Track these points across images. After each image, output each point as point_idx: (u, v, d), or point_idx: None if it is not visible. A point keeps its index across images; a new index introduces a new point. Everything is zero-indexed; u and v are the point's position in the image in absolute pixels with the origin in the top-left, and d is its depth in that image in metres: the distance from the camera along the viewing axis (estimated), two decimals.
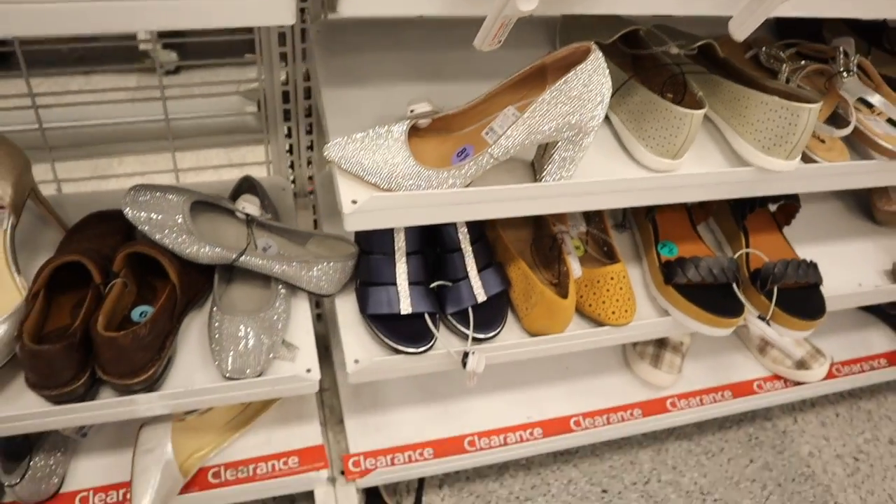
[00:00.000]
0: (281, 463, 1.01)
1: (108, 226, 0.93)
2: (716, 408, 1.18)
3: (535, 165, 0.85)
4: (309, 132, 1.08)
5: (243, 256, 0.87)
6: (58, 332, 0.84)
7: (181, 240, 0.86)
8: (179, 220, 0.86)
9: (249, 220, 0.91)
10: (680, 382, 1.21)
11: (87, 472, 0.99)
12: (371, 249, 0.91)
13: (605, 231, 1.04)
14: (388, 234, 0.90)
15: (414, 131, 0.81)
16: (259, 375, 0.86)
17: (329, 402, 1.15)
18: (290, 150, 1.09)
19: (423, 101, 0.80)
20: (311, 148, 1.09)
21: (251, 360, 0.85)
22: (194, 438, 0.97)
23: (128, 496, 0.97)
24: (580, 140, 0.77)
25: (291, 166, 1.11)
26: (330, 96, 0.86)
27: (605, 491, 1.23)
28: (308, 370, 0.89)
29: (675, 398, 1.17)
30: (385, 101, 0.87)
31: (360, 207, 0.75)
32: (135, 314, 0.86)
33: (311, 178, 1.13)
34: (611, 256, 1.03)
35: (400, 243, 0.90)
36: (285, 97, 1.04)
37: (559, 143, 0.77)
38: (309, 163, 1.10)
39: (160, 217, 0.86)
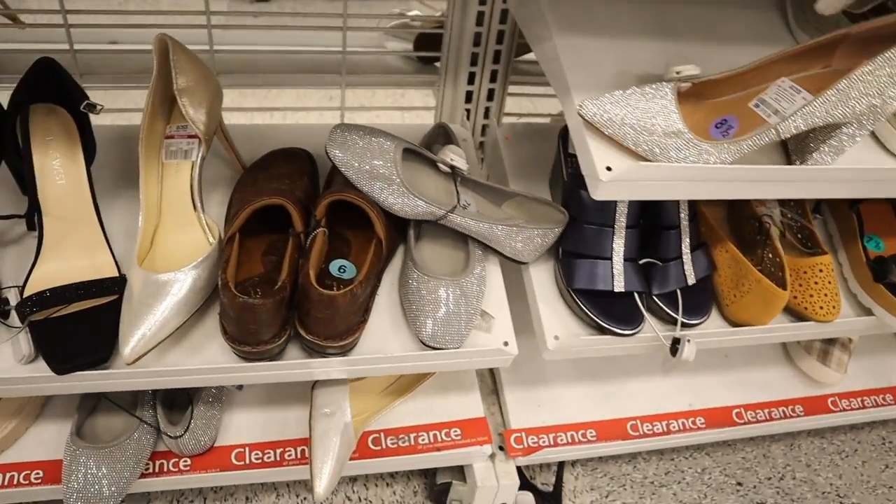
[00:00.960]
0: (443, 434, 0.95)
1: (294, 166, 0.85)
2: (877, 412, 1.12)
3: (788, 145, 0.77)
4: (492, 80, 0.98)
5: (451, 214, 0.79)
6: (251, 282, 0.76)
7: (391, 190, 0.78)
8: (390, 168, 0.78)
9: (455, 174, 0.83)
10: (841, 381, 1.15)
11: (241, 426, 0.93)
12: (586, 218, 0.83)
13: (807, 218, 0.97)
14: (609, 203, 0.83)
15: None
16: (458, 346, 0.79)
17: (480, 371, 1.09)
18: (468, 99, 1.00)
19: (689, 63, 0.72)
20: (490, 97, 1.00)
21: (452, 328, 0.78)
22: (361, 401, 0.91)
23: (285, 455, 0.91)
24: (868, 125, 0.69)
25: (467, 116, 1.02)
26: (564, 46, 0.77)
27: (739, 484, 1.18)
28: (505, 343, 0.82)
29: (836, 397, 1.11)
30: (620, 56, 0.78)
31: (616, 176, 0.66)
32: (333, 268, 0.78)
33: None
34: (810, 245, 0.95)
35: (622, 215, 0.82)
36: (476, 39, 0.94)
37: (844, 126, 0.69)
38: (486, 114, 1.01)
39: (368, 163, 0.78)
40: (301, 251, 0.75)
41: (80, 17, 0.93)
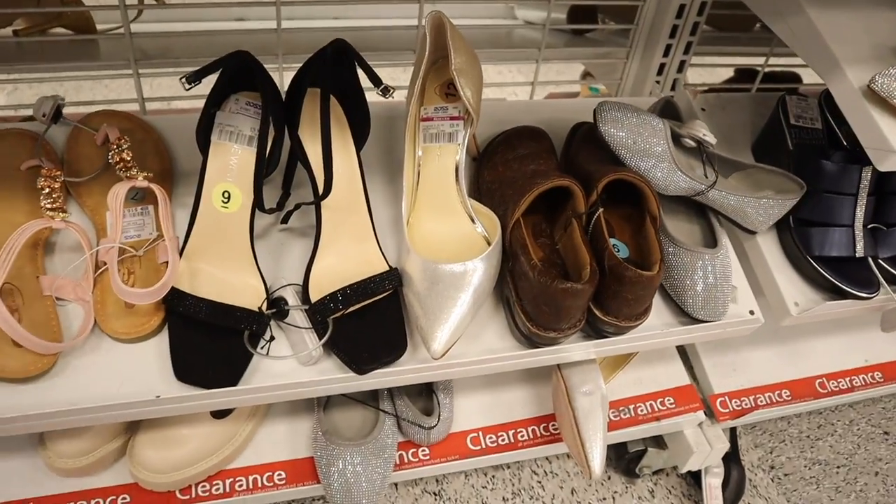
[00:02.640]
0: (658, 403, 0.96)
1: (541, 145, 0.83)
2: None
3: None
4: (685, 52, 0.98)
5: (711, 190, 0.80)
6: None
7: (661, 167, 0.77)
8: (664, 146, 0.77)
9: (702, 149, 0.83)
10: None
11: (469, 412, 0.92)
12: (825, 188, 0.85)
13: None
14: (853, 172, 0.84)
15: None
16: (722, 318, 0.80)
17: None
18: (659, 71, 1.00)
19: None
20: (680, 69, 1.00)
21: (716, 301, 0.79)
22: None
23: (518, 436, 0.91)
24: None
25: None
26: (819, 19, 0.78)
27: (886, 433, 1.24)
28: (751, 312, 0.83)
29: None
30: (870, 27, 0.79)
31: None
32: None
33: None
34: None
35: (866, 182, 0.84)
36: (679, 11, 0.93)
37: None
38: (672, 87, 1.01)
39: (645, 141, 0.77)
40: (585, 233, 0.74)
41: None
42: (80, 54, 0.94)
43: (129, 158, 0.74)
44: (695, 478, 1.04)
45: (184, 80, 0.63)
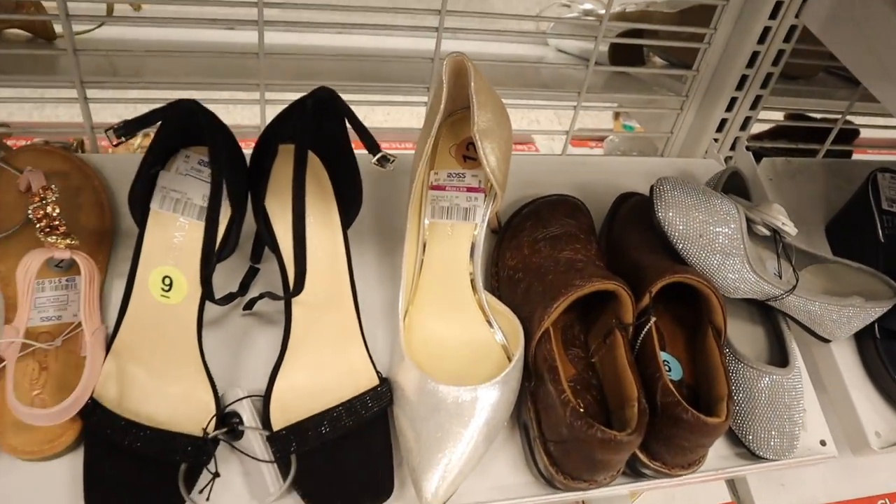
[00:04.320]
0: None
1: (578, 223, 0.66)
2: None
3: None
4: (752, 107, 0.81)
5: (791, 295, 0.63)
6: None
7: (729, 265, 0.61)
8: (736, 238, 0.61)
9: (778, 239, 0.66)
10: None
11: None
12: None
13: None
14: None
15: None
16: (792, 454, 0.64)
17: None
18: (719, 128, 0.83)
19: None
20: (744, 127, 0.83)
21: (786, 436, 0.63)
22: None
23: None
24: None
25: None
26: None
27: None
28: (822, 442, 0.67)
29: None
30: None
31: None
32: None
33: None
34: None
35: None
36: (751, 59, 0.77)
37: None
38: (733, 147, 0.84)
39: (711, 231, 0.60)
40: (631, 351, 0.58)
41: None
42: (32, 66, 0.77)
43: (54, 215, 0.57)
44: None
45: (110, 132, 0.46)
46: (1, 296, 0.58)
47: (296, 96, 0.52)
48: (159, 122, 0.49)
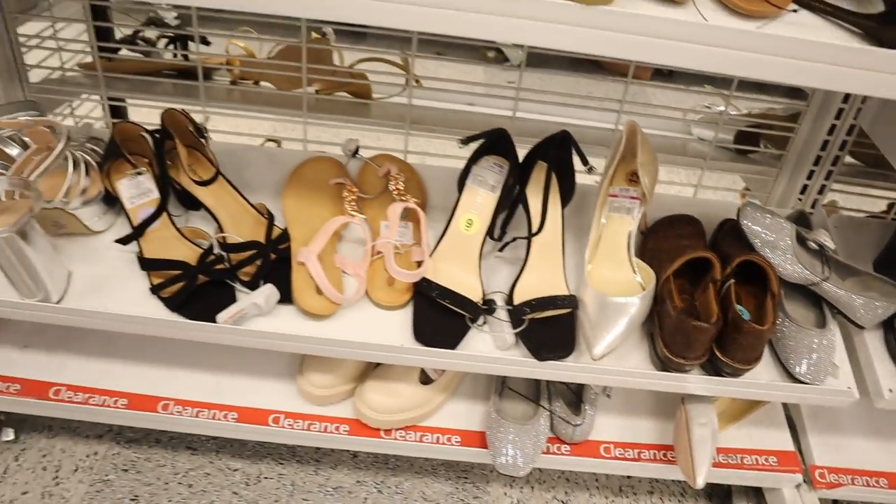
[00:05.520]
0: (763, 459, 1.16)
1: (695, 228, 1.10)
2: None
3: None
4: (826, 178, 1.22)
5: (824, 283, 1.02)
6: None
7: (784, 258, 1.02)
8: (788, 243, 1.02)
9: (823, 252, 1.06)
10: None
11: (607, 427, 1.16)
12: None
13: None
14: None
15: None
16: (821, 384, 1.01)
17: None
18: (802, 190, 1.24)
19: None
20: (820, 192, 1.24)
21: (819, 370, 1.00)
22: None
23: (642, 455, 1.14)
24: None
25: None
26: None
27: None
28: (848, 387, 1.03)
29: None
30: None
31: None
32: None
33: None
34: None
35: None
36: (824, 145, 1.19)
37: None
38: (812, 205, 1.25)
39: (773, 236, 1.02)
40: (717, 294, 0.99)
41: None
42: (360, 112, 1.34)
43: (402, 188, 1.09)
44: None
45: (460, 141, 0.97)
46: (370, 228, 1.09)
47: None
48: (481, 139, 0.99)
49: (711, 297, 0.98)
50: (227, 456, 1.26)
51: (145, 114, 1.32)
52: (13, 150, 1.07)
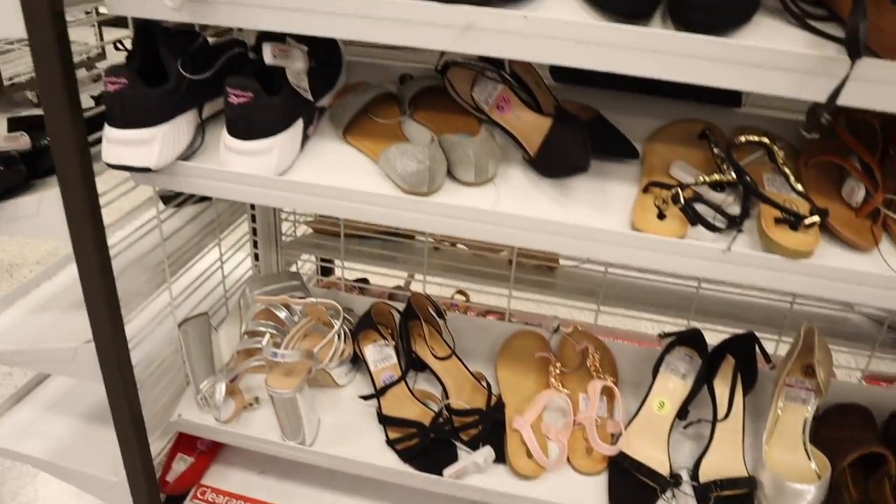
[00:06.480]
0: None
1: (866, 419, 1.22)
2: None
3: None
4: None
5: None
6: None
7: None
8: None
9: None
10: None
11: None
12: None
13: None
14: None
15: None
16: None
17: None
18: None
19: None
20: None
21: None
22: None
23: None
24: None
25: None
26: None
27: None
28: None
29: None
30: None
31: None
32: None
33: None
34: None
35: None
36: None
37: None
38: None
39: None
40: (893, 489, 1.10)
41: None
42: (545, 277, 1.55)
43: (598, 365, 1.28)
44: None
45: (662, 333, 1.16)
46: (571, 401, 1.28)
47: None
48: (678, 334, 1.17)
49: (887, 492, 1.08)
50: None
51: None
52: (281, 313, 1.36)
